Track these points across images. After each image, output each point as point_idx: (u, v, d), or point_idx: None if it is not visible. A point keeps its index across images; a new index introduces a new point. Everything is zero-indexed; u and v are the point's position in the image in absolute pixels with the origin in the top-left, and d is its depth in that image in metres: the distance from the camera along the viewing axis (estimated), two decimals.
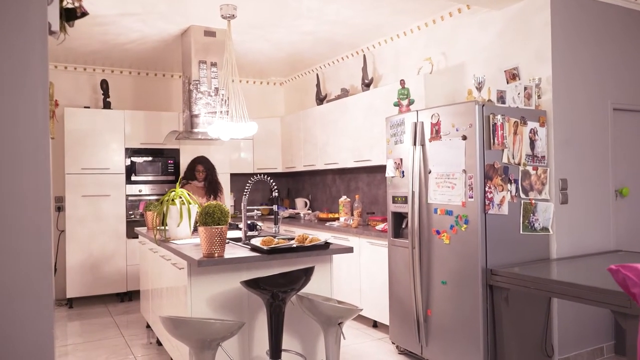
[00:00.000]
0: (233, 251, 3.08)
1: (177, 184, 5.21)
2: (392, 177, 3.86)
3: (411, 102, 4.01)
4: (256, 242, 3.14)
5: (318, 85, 6.11)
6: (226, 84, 4.29)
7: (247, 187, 3.61)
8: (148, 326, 4.66)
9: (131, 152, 5.82)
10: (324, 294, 3.19)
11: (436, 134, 3.45)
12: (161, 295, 3.81)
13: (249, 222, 4.14)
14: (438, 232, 3.43)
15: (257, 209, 3.97)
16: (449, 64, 4.44)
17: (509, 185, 3.31)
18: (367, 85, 5.21)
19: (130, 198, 5.79)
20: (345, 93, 5.56)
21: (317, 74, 6.21)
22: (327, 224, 5.17)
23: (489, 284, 3.18)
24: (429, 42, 4.65)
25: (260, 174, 3.60)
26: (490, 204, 3.21)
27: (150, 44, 5.22)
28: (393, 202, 3.86)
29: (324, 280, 3.21)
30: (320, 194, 6.43)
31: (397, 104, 4.09)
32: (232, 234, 4.06)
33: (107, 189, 5.68)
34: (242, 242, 3.52)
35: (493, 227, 3.23)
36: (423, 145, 3.55)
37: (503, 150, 3.28)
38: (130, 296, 5.84)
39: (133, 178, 5.82)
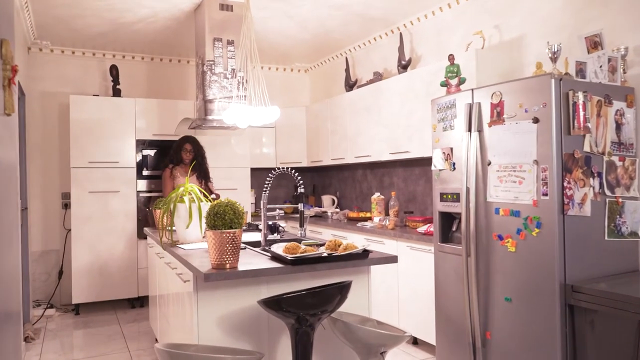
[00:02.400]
0: (250, 260, 2.51)
1: (163, 171, 4.70)
2: (440, 170, 3.23)
3: (462, 81, 3.38)
4: (278, 248, 2.56)
5: (347, 70, 5.50)
6: (244, 64, 3.73)
7: (267, 182, 3.04)
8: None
9: (143, 144, 5.31)
10: (359, 312, 2.59)
11: (498, 116, 2.81)
12: (167, 311, 3.26)
13: (270, 222, 3.57)
14: (500, 238, 2.79)
15: (280, 208, 3.50)
16: (503, 38, 3.79)
17: (591, 179, 2.66)
18: (404, 67, 4.58)
19: (141, 194, 5.28)
20: (378, 77, 4.94)
21: (346, 58, 5.60)
22: (359, 224, 4.57)
23: (568, 303, 2.53)
24: (478, 15, 4.00)
25: (283, 168, 3.01)
26: (570, 203, 2.56)
27: (161, 23, 4.69)
28: (441, 200, 3.23)
29: (359, 295, 2.61)
30: (349, 190, 5.83)
31: (444, 84, 3.46)
32: (250, 236, 3.50)
33: (117, 184, 5.18)
34: (261, 248, 2.95)
35: (572, 231, 2.58)
36: (480, 131, 2.91)
37: (585, 135, 2.63)
38: (142, 302, 5.35)
39: (145, 173, 5.31)
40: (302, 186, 2.92)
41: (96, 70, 5.64)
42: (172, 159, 4.78)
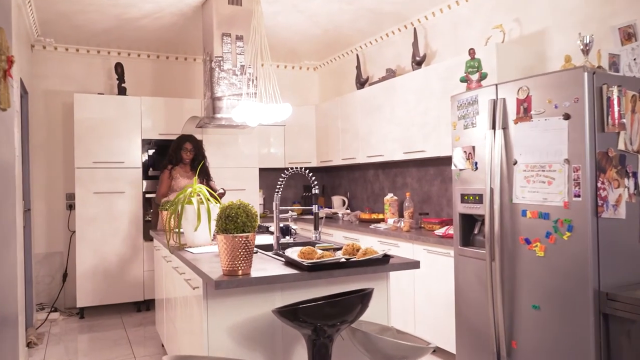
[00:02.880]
0: (263, 266, 2.36)
1: (162, 172, 4.50)
2: (461, 170, 3.07)
3: (483, 77, 3.22)
4: (292, 253, 2.41)
5: (358, 67, 5.35)
6: (254, 60, 3.59)
7: (280, 182, 2.89)
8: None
9: (149, 143, 5.17)
10: (378, 320, 2.44)
11: (525, 113, 2.65)
12: (174, 316, 3.12)
13: (281, 224, 3.42)
14: (528, 242, 2.63)
15: (292, 210, 3.37)
16: (524, 31, 3.62)
17: (626, 180, 2.49)
18: (418, 63, 4.42)
19: (147, 195, 5.15)
20: (391, 74, 4.79)
21: (357, 55, 5.44)
22: (372, 226, 4.41)
23: (603, 312, 2.37)
24: (496, 8, 3.84)
25: (296, 168, 2.86)
26: (604, 205, 2.40)
27: (167, 19, 4.55)
28: (462, 202, 3.07)
29: (378, 302, 2.45)
30: (360, 191, 5.68)
31: (464, 80, 3.30)
32: (260, 239, 3.35)
33: (122, 185, 5.05)
34: (273, 252, 2.80)
35: (606, 235, 2.41)
36: (505, 128, 2.75)
37: (619, 133, 2.46)
38: (148, 305, 5.21)
39: (151, 173, 5.18)
40: (317, 187, 2.76)
41: (101, 68, 5.52)
42: (171, 159, 4.50)
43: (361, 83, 5.27)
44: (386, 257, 2.32)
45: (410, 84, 4.27)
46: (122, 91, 5.27)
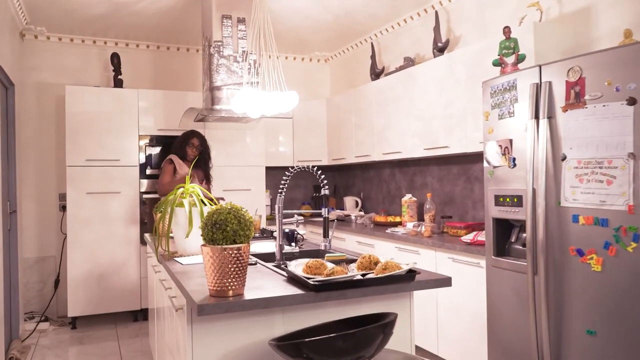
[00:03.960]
0: (260, 283, 1.94)
1: (164, 162, 4.19)
2: (495, 167, 2.63)
3: (520, 59, 2.78)
4: (298, 267, 2.00)
5: (373, 56, 4.92)
6: (257, 44, 3.18)
7: (283, 183, 2.48)
8: None
9: (147, 140, 4.79)
10: (400, 347, 2.01)
11: (577, 98, 2.21)
12: (163, 335, 2.72)
13: (286, 229, 3.01)
14: (580, 253, 2.19)
15: (299, 214, 2.97)
16: (564, 9, 3.17)
17: None
18: (440, 50, 3.98)
19: (145, 196, 4.77)
20: (409, 62, 4.35)
21: (371, 43, 5.01)
22: (389, 230, 3.98)
23: None
24: None
25: (303, 166, 2.45)
26: None
27: (165, 2, 4.15)
28: (496, 204, 2.63)
29: (400, 326, 2.02)
30: (374, 191, 5.25)
31: (497, 63, 2.86)
32: (263, 246, 2.94)
33: (117, 184, 4.67)
34: (275, 263, 2.39)
35: None
36: (551, 117, 2.31)
37: None
38: (145, 314, 4.83)
39: (149, 172, 4.80)
40: (327, 187, 2.34)
41: (97, 60, 5.15)
42: (175, 152, 4.30)
43: (376, 74, 4.84)
44: (411, 273, 1.89)
45: (431, 72, 3.83)
46: (118, 83, 4.90)
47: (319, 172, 2.40)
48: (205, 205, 2.66)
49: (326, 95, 6.08)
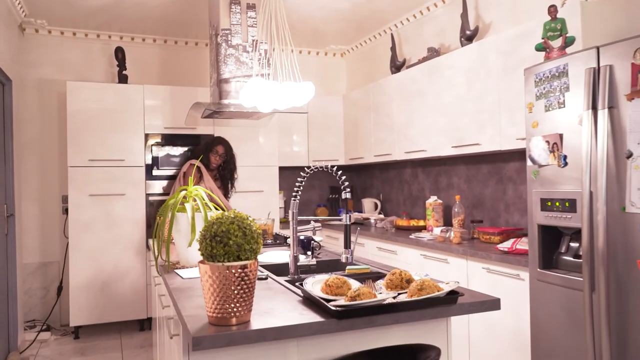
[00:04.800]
0: (271, 305, 1.63)
1: (188, 166, 3.85)
2: (542, 166, 2.29)
3: (569, 42, 2.43)
4: (315, 284, 1.69)
5: (393, 48, 4.58)
6: (268, 32, 2.87)
7: (298, 184, 2.16)
8: None
9: (153, 138, 4.52)
10: None
11: None
12: (163, 357, 2.42)
13: (301, 237, 2.70)
14: None
15: (316, 220, 2.64)
16: None
17: None
18: (469, 38, 3.64)
19: (151, 198, 4.49)
20: (434, 53, 4.01)
21: (391, 34, 4.68)
22: (413, 235, 3.65)
23: None
24: None
25: (321, 166, 2.14)
26: None
27: None
28: (542, 209, 2.29)
29: None
30: (395, 193, 4.91)
31: (541, 48, 2.51)
32: (275, 255, 2.63)
33: (122, 186, 4.40)
34: (289, 277, 2.08)
35: None
36: (613, 107, 1.96)
37: None
38: (152, 323, 4.54)
39: (155, 172, 4.52)
40: (348, 189, 2.02)
41: (101, 55, 4.89)
42: (198, 159, 3.91)
43: (397, 67, 4.51)
44: (453, 295, 1.57)
45: (459, 62, 3.49)
46: (123, 79, 4.63)
47: (339, 172, 2.08)
48: (211, 210, 2.36)
49: (342, 91, 5.76)
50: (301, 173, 2.20)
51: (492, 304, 1.63)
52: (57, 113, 4.71)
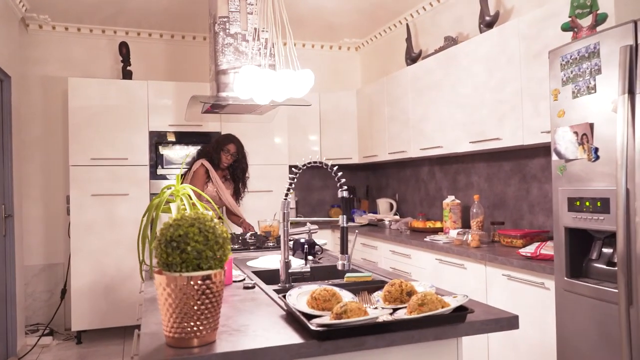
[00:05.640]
0: (247, 320, 1.40)
1: (197, 165, 3.60)
2: (569, 160, 2.01)
3: (600, 20, 2.14)
4: (300, 297, 1.46)
5: (409, 38, 4.32)
6: (268, 19, 2.66)
7: (290, 183, 1.94)
8: None
9: (157, 136, 4.35)
10: None
11: None
12: None
13: (302, 239, 2.47)
14: None
15: (313, 222, 2.44)
16: None
17: None
18: (488, 24, 3.36)
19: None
20: (451, 42, 3.74)
21: (407, 25, 4.41)
22: (428, 238, 3.38)
23: None
24: None
25: (316, 162, 1.91)
26: None
27: None
28: (570, 210, 2.01)
29: None
30: (411, 192, 4.64)
31: (568, 27, 2.23)
32: (273, 260, 2.40)
33: (125, 185, 4.24)
34: (279, 286, 1.85)
35: None
36: None
37: None
38: None
39: (160, 171, 4.35)
40: (345, 187, 1.79)
41: (107, 51, 4.75)
42: (209, 156, 3.60)
43: (412, 59, 4.25)
44: (462, 311, 1.31)
45: (478, 50, 3.21)
46: (127, 75, 4.48)
47: (335, 167, 1.85)
48: (199, 209, 2.15)
49: (358, 85, 5.51)
50: (293, 169, 1.97)
51: (509, 323, 1.37)
52: (61, 111, 4.58)
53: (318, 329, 1.19)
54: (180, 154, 4.39)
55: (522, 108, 2.84)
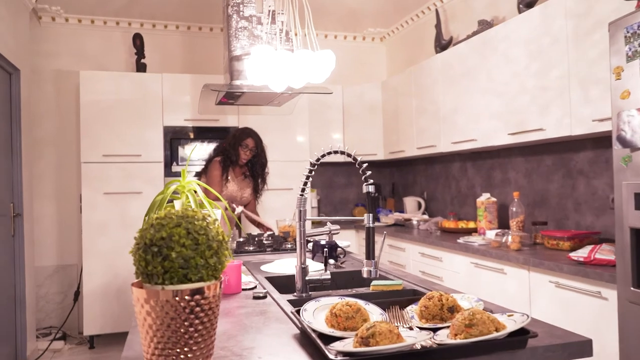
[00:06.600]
0: (253, 340, 1.15)
1: (211, 163, 3.35)
2: (637, 149, 1.71)
3: None
4: (317, 312, 1.20)
5: (438, 25, 4.02)
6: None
7: (307, 176, 1.68)
8: None
9: (172, 132, 4.15)
10: None
11: None
12: None
13: (322, 242, 2.22)
14: None
15: (334, 221, 2.20)
16: None
17: None
18: (528, 4, 3.04)
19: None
20: (485, 25, 3.43)
21: (436, 11, 4.12)
22: (461, 239, 3.08)
23: None
24: None
25: (329, 152, 1.66)
26: None
27: None
28: (638, 208, 1.71)
29: None
30: (441, 190, 4.34)
31: None
32: (289, 264, 2.15)
33: (139, 183, 4.05)
34: (294, 296, 1.59)
35: None
36: None
37: None
38: None
39: (175, 169, 4.15)
40: (371, 181, 1.53)
41: (121, 44, 4.57)
42: (227, 154, 3.33)
43: (442, 46, 3.95)
44: (524, 335, 1.03)
45: (517, 32, 2.90)
46: (141, 68, 4.30)
47: (359, 158, 1.59)
48: (205, 207, 1.92)
49: (383, 78, 5.23)
50: (310, 161, 1.72)
51: (581, 348, 1.08)
52: (74, 106, 4.42)
53: (338, 358, 0.93)
54: (196, 151, 4.18)
55: (570, 94, 2.53)
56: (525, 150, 3.29)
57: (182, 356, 0.91)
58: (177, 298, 0.90)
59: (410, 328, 1.13)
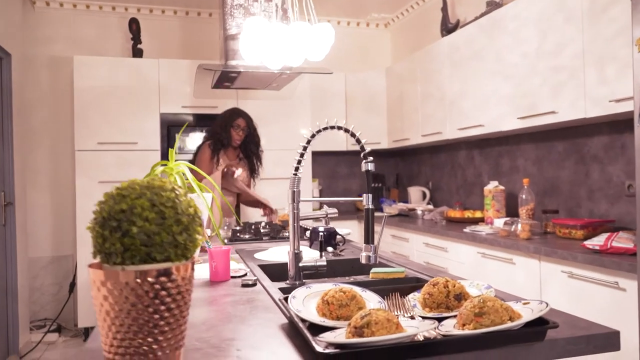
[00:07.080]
0: (234, 331, 1.02)
1: (200, 149, 3.22)
2: None
3: None
4: (308, 300, 1.07)
5: (445, 8, 3.87)
6: None
7: (301, 153, 1.56)
8: None
9: (169, 118, 4.02)
10: None
11: None
12: None
13: (321, 228, 2.09)
14: None
15: (332, 202, 2.06)
16: None
17: None
18: None
19: None
20: (494, 6, 3.28)
21: None
22: (467, 229, 2.95)
23: None
24: None
25: (326, 127, 1.51)
26: None
27: None
28: None
29: None
30: (446, 179, 4.20)
31: None
32: (285, 252, 2.02)
33: (135, 171, 3.92)
34: (287, 283, 1.46)
35: None
36: None
37: None
38: None
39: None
40: (370, 159, 1.40)
41: (118, 29, 4.44)
42: (218, 137, 3.18)
43: (448, 30, 3.80)
44: (541, 326, 0.90)
45: (529, 11, 2.75)
46: (138, 53, 4.17)
47: (358, 133, 1.46)
48: (194, 191, 1.80)
49: (388, 64, 5.08)
50: (305, 137, 1.59)
51: (606, 342, 0.95)
52: (69, 93, 4.30)
53: (327, 350, 0.80)
54: (194, 138, 4.05)
55: (584, 74, 2.38)
56: (535, 136, 3.14)
57: (145, 347, 0.79)
58: (138, 280, 0.77)
59: (412, 317, 1.00)
